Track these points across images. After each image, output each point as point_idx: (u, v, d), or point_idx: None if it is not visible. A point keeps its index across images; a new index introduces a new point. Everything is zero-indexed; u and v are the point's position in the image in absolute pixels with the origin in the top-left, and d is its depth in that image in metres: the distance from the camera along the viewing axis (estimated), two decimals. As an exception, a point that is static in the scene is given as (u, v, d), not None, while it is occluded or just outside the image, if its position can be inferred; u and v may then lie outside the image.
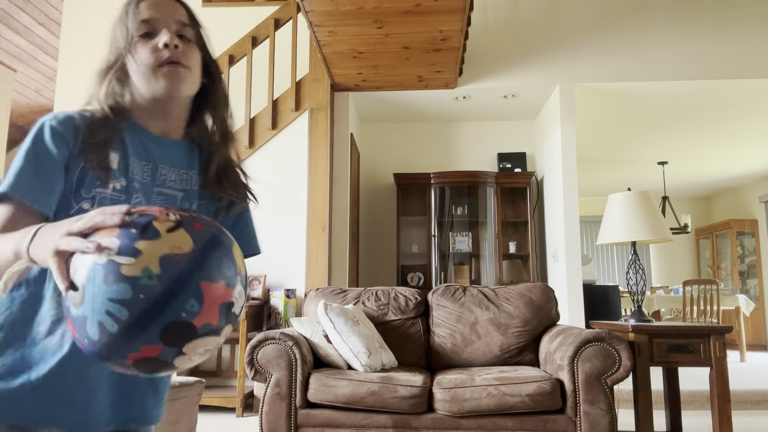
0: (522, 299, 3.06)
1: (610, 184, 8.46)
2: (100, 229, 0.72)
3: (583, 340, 2.46)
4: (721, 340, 2.54)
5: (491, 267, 5.33)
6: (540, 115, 5.46)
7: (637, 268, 2.86)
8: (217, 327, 0.74)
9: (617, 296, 4.85)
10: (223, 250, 0.76)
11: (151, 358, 0.71)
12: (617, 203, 2.87)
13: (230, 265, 0.76)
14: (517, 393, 2.41)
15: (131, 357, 0.71)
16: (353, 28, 3.81)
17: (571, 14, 4.80)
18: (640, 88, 4.79)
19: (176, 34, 0.99)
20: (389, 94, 4.97)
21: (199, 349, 0.73)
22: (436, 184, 5.43)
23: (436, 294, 3.17)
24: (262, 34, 4.52)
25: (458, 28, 3.80)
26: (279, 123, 4.48)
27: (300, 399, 2.52)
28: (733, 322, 7.65)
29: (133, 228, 0.71)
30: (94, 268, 0.69)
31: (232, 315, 0.76)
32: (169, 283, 0.69)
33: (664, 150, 6.72)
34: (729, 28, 4.67)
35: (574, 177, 4.67)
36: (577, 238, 4.58)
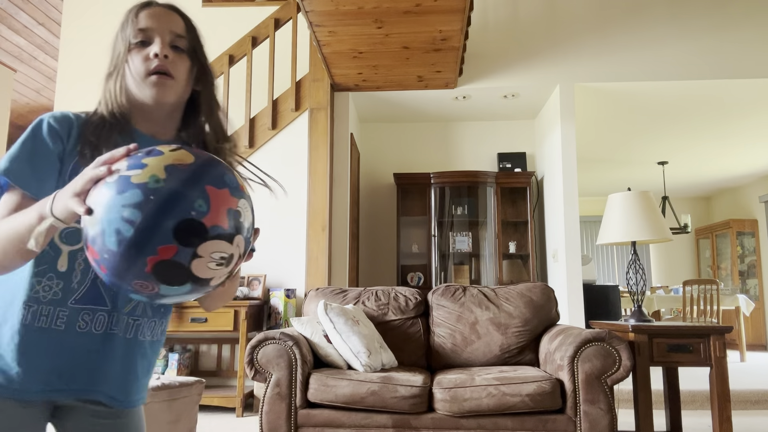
0: (522, 299, 3.06)
1: (610, 184, 8.46)
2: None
3: (583, 339, 2.46)
4: (721, 340, 2.54)
5: (491, 267, 5.33)
6: (540, 115, 5.46)
7: (637, 268, 2.86)
8: (228, 231, 0.78)
9: (617, 296, 4.85)
10: (224, 167, 0.83)
11: (168, 261, 0.74)
12: (617, 203, 2.87)
13: (233, 179, 0.82)
14: (517, 393, 2.41)
15: (149, 261, 0.74)
16: (353, 28, 3.81)
17: (571, 14, 4.80)
18: (640, 88, 4.79)
19: (170, 45, 1.04)
20: (389, 94, 4.97)
21: (214, 254, 0.77)
22: (436, 184, 5.43)
23: (436, 294, 3.17)
24: (262, 34, 4.52)
25: (458, 28, 3.80)
26: (279, 123, 4.48)
27: (300, 399, 2.52)
28: (733, 322, 7.66)
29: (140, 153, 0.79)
30: (106, 185, 0.76)
31: (241, 226, 0.81)
32: (176, 185, 0.75)
33: (664, 150, 6.72)
34: (729, 27, 4.67)
35: (574, 177, 4.67)
36: (577, 238, 4.58)
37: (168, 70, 1.02)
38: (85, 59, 5.34)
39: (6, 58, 6.06)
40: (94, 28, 5.38)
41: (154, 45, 1.02)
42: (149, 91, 1.02)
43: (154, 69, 1.01)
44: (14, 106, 6.56)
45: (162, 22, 1.04)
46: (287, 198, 4.42)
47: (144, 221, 0.73)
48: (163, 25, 1.04)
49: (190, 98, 1.10)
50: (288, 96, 4.49)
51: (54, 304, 0.95)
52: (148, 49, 1.03)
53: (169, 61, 1.03)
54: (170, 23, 1.05)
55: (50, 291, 0.95)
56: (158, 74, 1.01)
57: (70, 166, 0.98)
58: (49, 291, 0.94)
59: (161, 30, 1.04)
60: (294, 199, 4.40)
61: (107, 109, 1.04)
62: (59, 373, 0.95)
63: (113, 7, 5.41)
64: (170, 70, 1.03)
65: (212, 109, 1.11)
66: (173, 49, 1.04)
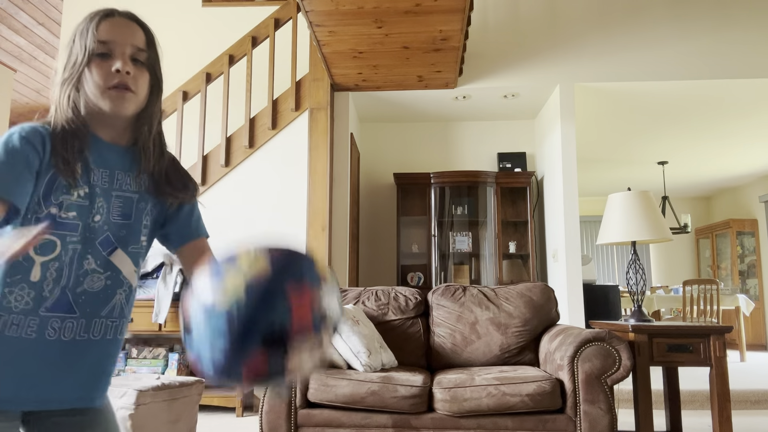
0: (522, 299, 3.06)
1: (610, 184, 8.46)
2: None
3: (583, 339, 2.46)
4: (721, 340, 2.54)
5: (491, 267, 5.33)
6: (540, 115, 5.46)
7: (637, 268, 2.86)
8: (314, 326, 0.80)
9: (617, 296, 4.85)
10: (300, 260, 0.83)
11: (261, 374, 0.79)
12: (617, 203, 2.87)
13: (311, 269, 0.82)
14: (517, 393, 2.41)
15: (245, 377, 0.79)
16: (353, 27, 3.81)
17: (571, 14, 4.80)
18: (640, 87, 4.79)
19: (130, 58, 1.06)
20: (389, 93, 4.96)
21: (304, 353, 0.80)
22: (436, 183, 5.43)
23: (436, 294, 3.17)
24: (262, 33, 4.52)
25: (458, 27, 3.80)
26: (279, 123, 4.48)
27: (300, 399, 2.52)
28: (733, 322, 7.66)
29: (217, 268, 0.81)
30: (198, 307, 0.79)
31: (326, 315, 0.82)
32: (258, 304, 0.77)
33: (664, 150, 6.72)
34: (729, 27, 4.67)
35: (574, 177, 4.67)
36: (577, 237, 4.58)
37: (129, 86, 1.04)
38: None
39: (6, 58, 6.06)
40: (94, 28, 5.37)
41: (116, 60, 1.03)
42: (110, 103, 1.03)
43: (115, 84, 1.03)
44: (14, 105, 6.56)
45: (124, 35, 1.05)
46: (287, 198, 4.42)
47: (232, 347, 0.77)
48: (125, 38, 1.05)
49: None
50: (288, 96, 4.49)
51: (25, 313, 0.96)
52: (110, 62, 1.03)
53: (130, 77, 1.04)
54: (132, 36, 1.06)
55: (22, 300, 0.96)
56: (119, 88, 1.03)
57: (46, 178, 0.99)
58: (20, 300, 0.96)
59: (123, 43, 1.04)
60: (294, 199, 4.40)
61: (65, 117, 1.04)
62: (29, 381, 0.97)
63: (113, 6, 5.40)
64: (131, 86, 1.04)
65: (158, 115, 1.15)
66: (134, 62, 1.06)
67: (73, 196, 1.01)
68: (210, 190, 4.41)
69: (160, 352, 3.93)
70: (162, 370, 3.88)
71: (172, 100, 4.46)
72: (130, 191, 1.10)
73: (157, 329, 3.78)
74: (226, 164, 4.42)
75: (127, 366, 3.88)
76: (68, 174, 0.99)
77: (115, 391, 2.87)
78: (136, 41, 1.06)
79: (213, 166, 4.43)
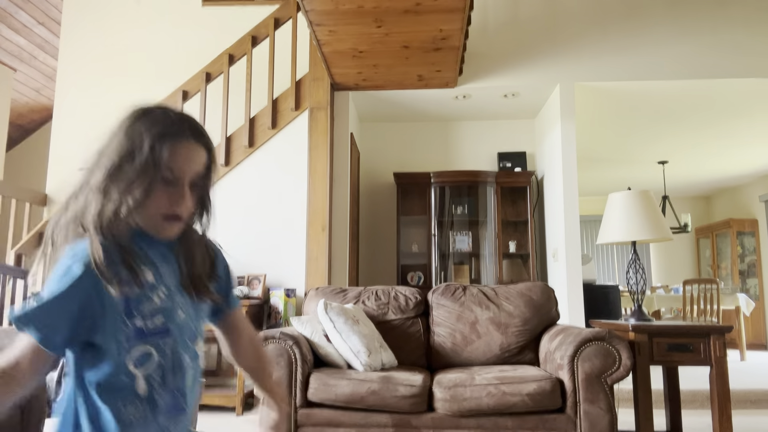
0: (522, 298, 3.06)
1: (610, 183, 8.46)
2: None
3: (583, 339, 2.46)
4: (721, 340, 2.53)
5: (491, 266, 5.33)
6: (540, 115, 5.46)
7: (637, 268, 2.86)
8: None
9: (617, 295, 4.85)
10: None
11: None
12: (617, 203, 2.87)
13: None
14: (517, 392, 2.41)
15: None
16: (353, 27, 3.80)
17: (571, 14, 4.80)
18: (640, 87, 4.78)
19: (189, 185, 1.02)
20: (389, 93, 4.96)
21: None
22: (436, 183, 5.43)
23: (436, 293, 3.17)
24: (261, 33, 4.51)
25: (458, 27, 3.80)
26: (279, 122, 4.48)
27: (300, 398, 2.52)
28: (733, 322, 7.65)
29: None
30: None
31: None
32: None
33: (664, 149, 6.72)
34: (729, 27, 4.67)
35: (575, 176, 4.67)
36: (577, 237, 4.58)
37: (182, 215, 1.01)
38: (85, 59, 5.34)
39: (6, 57, 6.06)
40: (94, 28, 5.38)
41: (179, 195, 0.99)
42: (158, 228, 1.01)
43: (170, 215, 1.00)
44: (14, 105, 6.56)
45: (192, 165, 1.01)
46: (287, 198, 4.41)
47: None
48: (192, 167, 1.01)
49: None
50: (288, 95, 4.48)
51: (145, 423, 0.97)
52: (173, 191, 0.99)
53: (186, 208, 1.01)
54: (197, 163, 1.02)
55: (138, 413, 0.97)
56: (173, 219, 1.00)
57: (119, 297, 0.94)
58: (137, 414, 0.97)
59: (189, 173, 1.01)
60: (294, 198, 4.40)
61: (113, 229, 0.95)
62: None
63: (113, 6, 5.40)
64: (184, 215, 1.02)
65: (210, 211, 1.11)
66: (192, 188, 1.02)
67: (154, 302, 0.99)
68: (210, 189, 4.40)
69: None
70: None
71: (172, 99, 4.46)
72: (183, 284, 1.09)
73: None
74: (226, 164, 4.42)
75: (127, 366, 3.88)
76: (138, 284, 0.96)
77: (115, 391, 2.87)
78: (199, 167, 1.02)
79: (213, 165, 4.43)
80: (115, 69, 5.29)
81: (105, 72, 5.30)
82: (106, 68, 5.30)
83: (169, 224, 1.01)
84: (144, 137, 0.97)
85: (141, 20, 5.34)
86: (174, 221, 1.01)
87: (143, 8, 5.36)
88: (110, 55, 5.32)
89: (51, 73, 6.38)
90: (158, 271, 1.01)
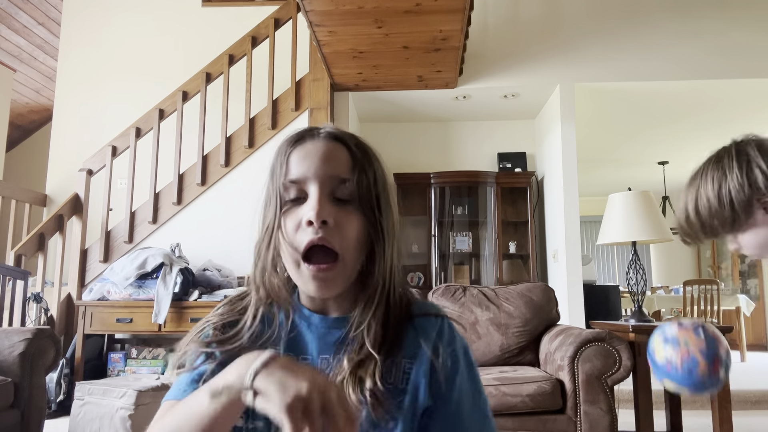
0: (522, 299, 3.05)
1: (610, 184, 8.45)
2: None
3: (584, 340, 2.46)
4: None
5: (491, 267, 5.33)
6: (540, 115, 5.46)
7: (638, 268, 2.85)
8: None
9: (617, 296, 4.85)
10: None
11: None
12: (617, 203, 2.87)
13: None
14: (518, 393, 2.41)
15: None
16: (353, 27, 3.80)
17: (572, 14, 4.80)
18: (641, 87, 4.78)
19: (331, 197, 0.74)
20: (389, 93, 4.96)
21: None
22: (436, 183, 5.43)
23: (436, 294, 3.16)
24: (261, 33, 4.51)
25: (458, 27, 3.79)
26: (279, 123, 4.47)
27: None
28: (733, 322, 7.64)
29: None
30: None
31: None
32: None
33: (664, 150, 6.72)
34: (729, 27, 4.67)
35: (575, 177, 4.67)
36: (578, 238, 4.58)
37: (330, 244, 0.72)
38: (85, 59, 5.34)
39: (6, 58, 6.06)
40: (94, 28, 5.38)
41: (307, 204, 0.73)
42: (308, 284, 0.73)
43: (307, 247, 0.72)
44: (14, 105, 6.56)
45: (319, 163, 0.74)
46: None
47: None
48: (321, 167, 0.74)
49: None
50: (288, 96, 4.48)
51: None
52: (301, 210, 0.73)
53: (329, 228, 0.72)
54: (330, 162, 0.75)
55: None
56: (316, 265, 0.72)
57: None
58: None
59: (318, 177, 0.74)
60: (294, 199, 4.39)
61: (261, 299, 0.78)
62: None
63: (113, 6, 5.41)
64: (333, 243, 0.72)
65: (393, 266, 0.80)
66: (336, 202, 0.74)
67: None
68: (210, 190, 4.40)
69: (159, 352, 3.93)
70: (162, 370, 3.87)
71: (172, 100, 4.46)
72: None
73: (157, 330, 3.78)
74: (226, 164, 4.41)
75: (127, 366, 3.88)
76: None
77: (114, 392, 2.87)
78: (335, 170, 0.75)
79: (213, 166, 4.43)
80: (114, 69, 5.29)
81: (105, 72, 5.30)
82: (105, 68, 5.30)
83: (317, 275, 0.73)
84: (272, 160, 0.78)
85: (141, 21, 5.34)
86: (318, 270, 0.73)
87: (143, 9, 5.36)
88: (110, 56, 5.32)
89: (51, 74, 6.38)
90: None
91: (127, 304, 3.81)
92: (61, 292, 4.07)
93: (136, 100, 4.93)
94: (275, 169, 0.76)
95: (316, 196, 0.72)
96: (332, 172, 0.74)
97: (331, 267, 0.72)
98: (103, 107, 5.24)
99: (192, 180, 4.38)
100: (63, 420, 3.42)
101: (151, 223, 4.32)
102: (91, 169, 4.40)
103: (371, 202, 0.76)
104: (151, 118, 4.41)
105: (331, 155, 0.75)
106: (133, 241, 4.30)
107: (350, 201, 0.74)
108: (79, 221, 4.30)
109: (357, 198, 0.75)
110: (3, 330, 2.58)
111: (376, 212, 0.77)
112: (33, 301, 3.77)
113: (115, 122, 4.89)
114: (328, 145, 0.76)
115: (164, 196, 4.37)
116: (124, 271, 3.86)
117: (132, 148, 4.38)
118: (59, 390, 3.64)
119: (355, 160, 0.77)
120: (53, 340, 2.60)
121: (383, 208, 0.78)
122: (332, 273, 0.72)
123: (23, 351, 2.45)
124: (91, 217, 4.50)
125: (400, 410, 0.73)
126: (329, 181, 0.74)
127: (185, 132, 4.45)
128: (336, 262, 0.72)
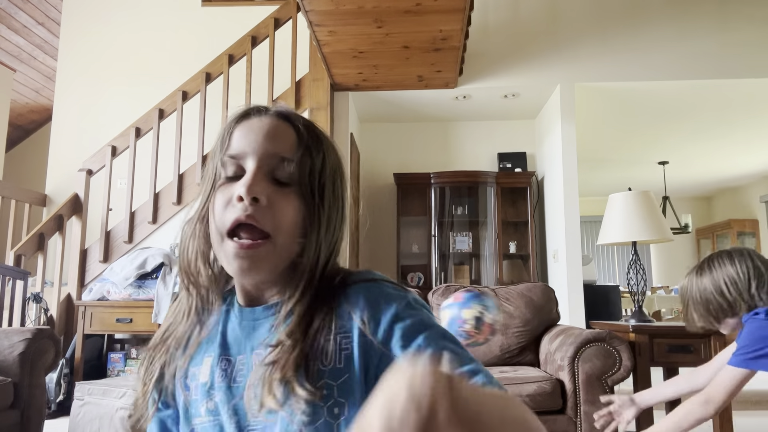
0: (522, 299, 3.05)
1: (611, 184, 8.45)
2: None
3: (584, 340, 2.45)
4: (722, 341, 2.53)
5: (491, 267, 5.32)
6: (540, 115, 5.45)
7: (638, 268, 2.85)
8: None
9: (618, 296, 4.85)
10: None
11: None
12: (618, 203, 2.87)
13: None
14: (518, 393, 2.41)
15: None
16: (353, 27, 3.80)
17: (572, 14, 4.79)
18: (641, 87, 4.78)
19: (268, 175, 0.70)
20: (389, 93, 4.96)
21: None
22: (436, 184, 5.43)
23: (436, 294, 3.16)
24: (261, 33, 4.51)
25: (458, 27, 3.79)
26: (279, 123, 4.47)
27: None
28: (733, 322, 7.65)
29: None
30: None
31: None
32: None
33: (664, 150, 6.71)
34: (729, 27, 4.66)
35: (575, 177, 4.66)
36: (578, 238, 4.57)
37: (259, 224, 0.68)
38: (84, 59, 5.33)
39: (5, 57, 6.05)
40: (94, 28, 5.37)
41: (242, 180, 0.69)
42: (231, 263, 0.69)
43: (233, 224, 0.68)
44: (13, 105, 6.56)
45: (261, 140, 0.71)
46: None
47: None
48: (262, 143, 0.70)
49: None
50: (288, 96, 4.48)
51: None
52: (235, 186, 0.69)
53: (260, 207, 0.68)
54: (273, 140, 0.71)
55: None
56: (239, 241, 0.68)
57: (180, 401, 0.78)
58: None
59: (257, 153, 0.70)
60: (294, 199, 4.39)
61: (186, 279, 0.74)
62: None
63: (113, 6, 5.40)
64: (262, 223, 0.68)
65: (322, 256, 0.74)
66: (275, 183, 0.70)
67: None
68: (210, 190, 4.40)
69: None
70: (162, 370, 3.87)
71: (172, 100, 4.45)
72: None
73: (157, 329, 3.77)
74: (226, 164, 4.41)
75: (127, 366, 3.87)
76: None
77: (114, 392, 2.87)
78: (278, 148, 0.71)
79: (213, 166, 4.42)
80: (114, 69, 5.29)
81: (104, 72, 5.30)
82: (105, 68, 5.30)
83: (239, 251, 0.69)
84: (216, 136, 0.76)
85: (140, 20, 5.34)
86: (240, 247, 0.69)
87: (143, 9, 5.36)
88: (110, 56, 5.32)
89: (50, 74, 6.38)
90: None
91: (126, 304, 3.80)
92: (61, 292, 4.07)
93: (136, 100, 4.93)
94: (216, 145, 0.74)
95: (252, 172, 0.68)
96: (274, 150, 0.70)
97: (255, 245, 0.67)
98: (102, 107, 5.24)
99: (192, 180, 4.38)
100: (63, 420, 3.42)
101: (150, 223, 4.31)
102: (90, 169, 4.40)
103: (313, 187, 0.72)
104: (151, 118, 4.41)
105: (275, 133, 0.71)
106: (133, 241, 4.29)
107: (290, 184, 0.70)
108: (79, 221, 4.30)
109: (297, 180, 0.71)
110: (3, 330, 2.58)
111: (317, 198, 0.72)
112: (33, 301, 3.76)
113: (114, 122, 4.88)
114: (273, 122, 0.72)
115: (164, 196, 4.37)
116: (124, 271, 3.86)
117: (132, 148, 4.37)
118: (59, 390, 3.64)
119: (301, 140, 0.72)
120: (53, 340, 2.60)
121: (326, 197, 0.74)
122: (256, 252, 0.67)
123: (23, 351, 2.44)
124: (91, 217, 4.49)
125: (346, 393, 0.65)
126: (269, 159, 0.70)
127: (185, 132, 4.45)
128: (263, 241, 0.68)
